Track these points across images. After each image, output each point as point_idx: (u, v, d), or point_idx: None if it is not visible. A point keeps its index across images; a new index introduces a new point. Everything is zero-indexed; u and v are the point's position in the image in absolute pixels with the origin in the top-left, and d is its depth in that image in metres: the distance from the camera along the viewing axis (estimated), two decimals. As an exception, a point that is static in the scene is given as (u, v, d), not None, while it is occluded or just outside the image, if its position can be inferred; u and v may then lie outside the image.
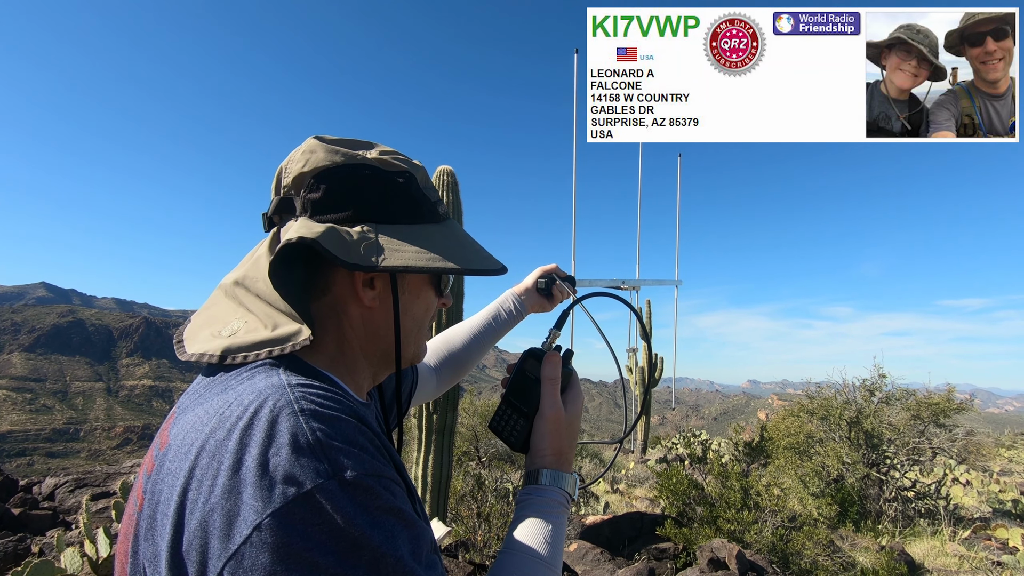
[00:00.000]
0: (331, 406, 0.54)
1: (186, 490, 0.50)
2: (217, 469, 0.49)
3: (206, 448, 0.51)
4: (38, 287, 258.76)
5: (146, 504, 0.54)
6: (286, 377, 0.57)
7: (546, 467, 0.78)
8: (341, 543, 0.46)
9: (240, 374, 0.59)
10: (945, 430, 7.96)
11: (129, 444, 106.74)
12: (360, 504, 0.48)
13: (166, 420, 0.64)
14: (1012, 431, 23.09)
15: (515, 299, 1.22)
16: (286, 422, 0.50)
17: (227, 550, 0.46)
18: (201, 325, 0.68)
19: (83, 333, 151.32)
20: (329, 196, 0.67)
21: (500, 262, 0.78)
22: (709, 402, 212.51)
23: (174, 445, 0.55)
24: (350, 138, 0.73)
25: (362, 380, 0.73)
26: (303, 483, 0.47)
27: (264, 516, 0.46)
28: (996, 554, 6.03)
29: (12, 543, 4.16)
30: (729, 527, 5.07)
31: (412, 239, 0.69)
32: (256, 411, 0.52)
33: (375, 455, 0.54)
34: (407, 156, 0.75)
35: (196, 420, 0.55)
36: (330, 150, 0.68)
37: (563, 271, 1.24)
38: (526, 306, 1.23)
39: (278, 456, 0.48)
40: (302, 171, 0.67)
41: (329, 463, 0.49)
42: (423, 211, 0.72)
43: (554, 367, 0.83)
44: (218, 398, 0.56)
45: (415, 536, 0.52)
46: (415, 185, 0.72)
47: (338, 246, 0.62)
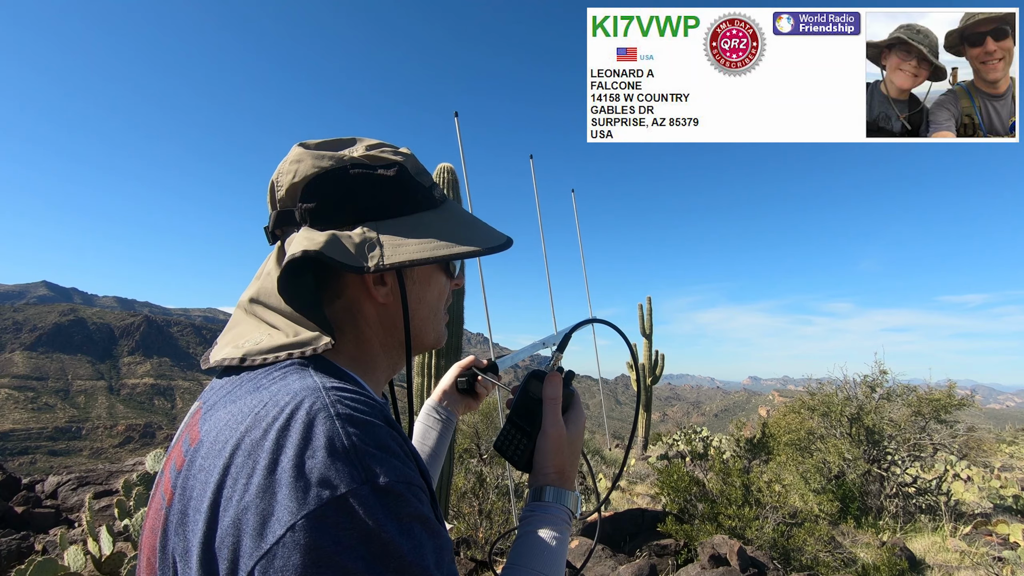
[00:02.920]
0: (364, 410, 0.55)
1: (220, 487, 0.50)
2: (253, 468, 0.49)
3: (242, 446, 0.51)
4: (39, 286, 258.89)
5: (176, 499, 0.55)
6: (319, 379, 0.57)
7: (549, 484, 0.80)
8: (371, 549, 0.47)
9: (271, 373, 0.60)
10: (946, 426, 7.97)
11: (131, 442, 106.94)
12: (391, 511, 0.49)
13: (191, 416, 0.65)
14: (1013, 427, 23.08)
15: (437, 410, 1.08)
16: (322, 425, 0.51)
17: (260, 549, 0.46)
18: (226, 344, 0.68)
19: (84, 332, 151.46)
20: (324, 203, 0.67)
21: (504, 235, 0.77)
22: (710, 398, 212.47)
23: (206, 441, 0.55)
24: (333, 138, 0.73)
25: (381, 376, 0.74)
26: (337, 486, 0.48)
27: (299, 517, 0.46)
28: (997, 550, 6.04)
29: (15, 541, 4.19)
30: (730, 523, 5.09)
31: (412, 230, 0.69)
32: (293, 412, 0.52)
33: (405, 461, 0.54)
34: (393, 145, 0.74)
35: (230, 417, 0.55)
36: (316, 156, 0.68)
37: (481, 360, 1.13)
38: (453, 412, 1.10)
39: (314, 459, 0.49)
40: (293, 182, 0.68)
41: (363, 468, 0.50)
42: (419, 199, 0.72)
43: (555, 387, 0.84)
44: (251, 396, 0.57)
45: (440, 546, 0.53)
46: (406, 174, 0.71)
47: (342, 252, 0.63)
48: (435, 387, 1.22)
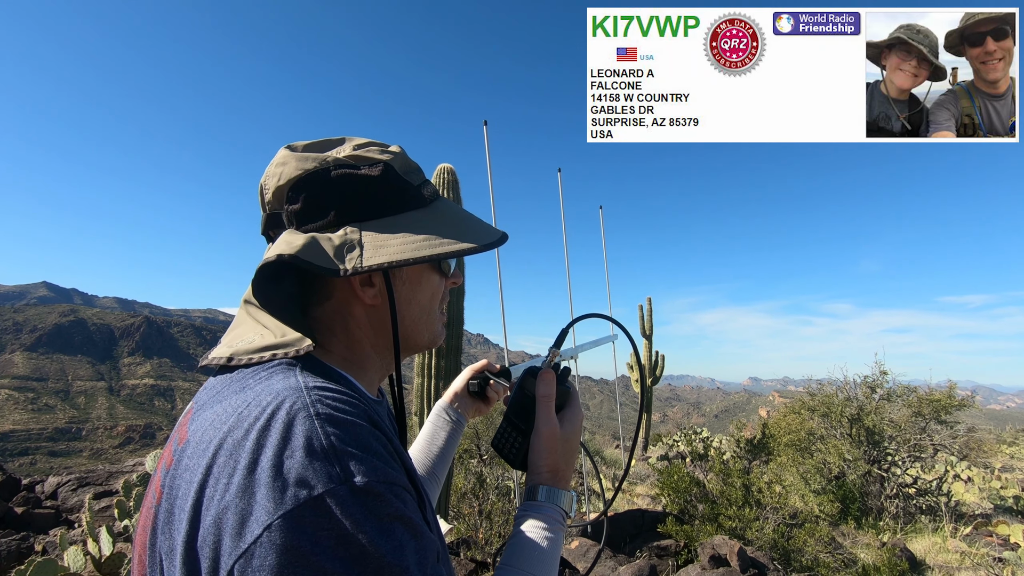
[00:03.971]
0: (346, 410, 0.55)
1: (203, 486, 0.51)
2: (233, 468, 0.50)
3: (224, 446, 0.52)
4: (39, 287, 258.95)
5: (164, 498, 0.55)
6: (303, 379, 0.58)
7: (542, 483, 0.79)
8: (349, 550, 0.47)
9: (258, 373, 0.60)
10: (946, 427, 7.97)
11: (131, 443, 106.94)
12: (370, 511, 0.49)
13: (183, 416, 0.65)
14: (1013, 427, 23.08)
15: (448, 412, 1.09)
16: (301, 425, 0.51)
17: (238, 548, 0.46)
18: (227, 343, 0.69)
19: (84, 332, 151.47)
20: (308, 204, 0.67)
21: (498, 231, 0.76)
22: (710, 399, 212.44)
23: (192, 441, 0.56)
24: (321, 139, 0.72)
25: (374, 375, 0.74)
26: (314, 487, 0.48)
27: (275, 517, 0.46)
28: (997, 550, 6.04)
29: (15, 542, 4.18)
30: (730, 524, 5.09)
31: (399, 229, 0.67)
32: (273, 413, 0.52)
33: (388, 461, 0.54)
34: (382, 144, 0.73)
35: (215, 418, 0.56)
36: (300, 158, 0.68)
37: (494, 366, 1.13)
38: (463, 414, 1.10)
39: (292, 459, 0.49)
40: (278, 185, 0.68)
41: (341, 468, 0.50)
42: (407, 198, 0.71)
43: (547, 384, 0.83)
44: (236, 396, 0.57)
45: (422, 547, 0.52)
46: (393, 173, 0.70)
47: (319, 255, 0.62)
48: (438, 388, 1.22)
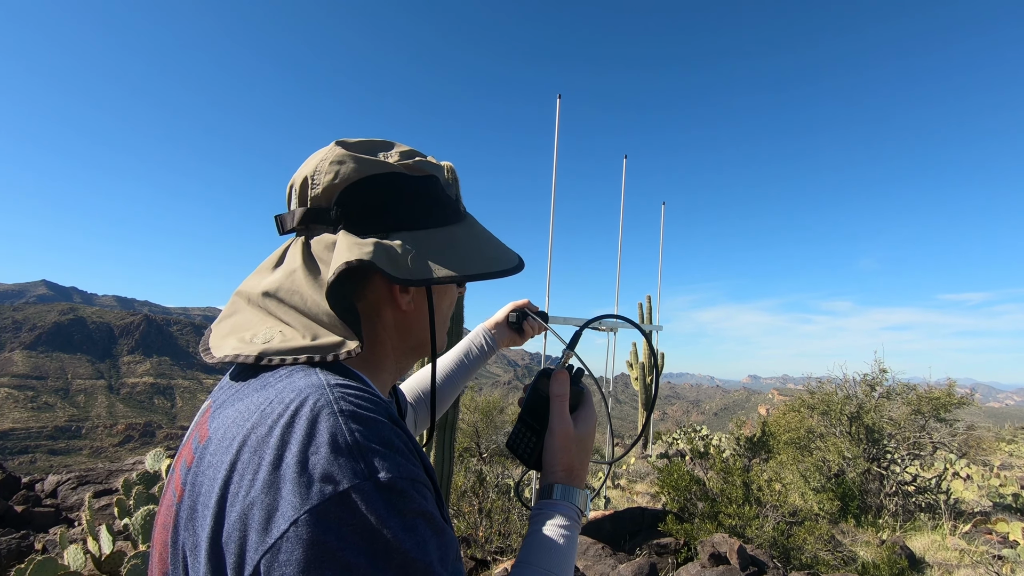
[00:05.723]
0: (368, 407, 0.56)
1: (227, 483, 0.51)
2: (258, 464, 0.50)
3: (248, 443, 0.52)
4: (39, 285, 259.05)
5: (186, 495, 0.56)
6: (325, 377, 0.58)
7: (557, 482, 0.80)
8: (374, 545, 0.47)
9: (278, 371, 0.60)
10: (945, 424, 7.97)
11: (131, 441, 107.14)
12: (394, 507, 0.50)
13: (201, 414, 0.65)
14: (1012, 425, 23.13)
15: (486, 334, 1.22)
16: (326, 422, 0.52)
17: (265, 543, 0.47)
18: (226, 333, 0.68)
19: (84, 331, 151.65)
20: (366, 208, 0.68)
21: (516, 254, 0.80)
22: (710, 397, 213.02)
23: (215, 438, 0.56)
24: (368, 140, 0.73)
25: (387, 377, 0.75)
26: (340, 482, 0.48)
27: (301, 512, 0.47)
28: (997, 548, 6.04)
29: (15, 540, 4.18)
30: (730, 522, 5.09)
31: (446, 242, 0.71)
32: (297, 409, 0.53)
33: (409, 457, 0.55)
34: (424, 155, 0.75)
35: (237, 415, 0.56)
36: (358, 160, 0.68)
37: (535, 306, 1.24)
38: (497, 341, 1.22)
39: (317, 455, 0.49)
40: (333, 183, 0.67)
41: (366, 464, 0.50)
42: (448, 212, 0.74)
43: (561, 384, 0.84)
44: (258, 394, 0.58)
45: (444, 543, 0.53)
46: (439, 187, 0.73)
47: (388, 263, 0.63)
48: None
